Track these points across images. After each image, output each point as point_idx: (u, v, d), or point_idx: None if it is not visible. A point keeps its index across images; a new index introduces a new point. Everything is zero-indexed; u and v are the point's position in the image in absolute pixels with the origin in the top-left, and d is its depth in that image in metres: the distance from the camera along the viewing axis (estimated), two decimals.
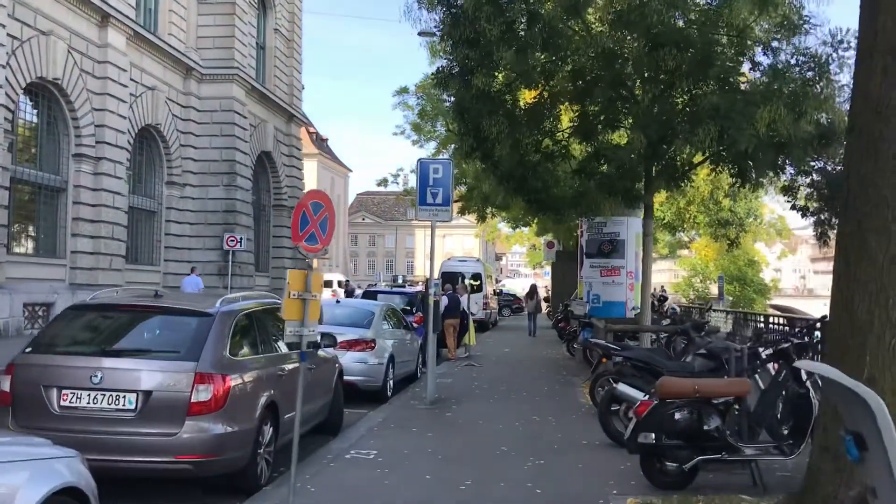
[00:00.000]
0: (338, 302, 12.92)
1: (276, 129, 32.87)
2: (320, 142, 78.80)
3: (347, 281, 46.58)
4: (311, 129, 77.61)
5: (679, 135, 10.22)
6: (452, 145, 31.47)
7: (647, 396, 7.42)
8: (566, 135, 13.96)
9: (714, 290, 40.39)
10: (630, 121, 12.50)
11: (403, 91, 29.75)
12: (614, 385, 7.84)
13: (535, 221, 32.78)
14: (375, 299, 17.46)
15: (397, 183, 37.29)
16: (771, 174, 11.81)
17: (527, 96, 13.71)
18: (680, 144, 10.13)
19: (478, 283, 30.68)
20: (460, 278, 22.88)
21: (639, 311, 16.96)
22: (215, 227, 27.76)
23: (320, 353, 8.65)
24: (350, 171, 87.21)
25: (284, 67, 33.97)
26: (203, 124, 27.99)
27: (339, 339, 11.17)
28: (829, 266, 5.51)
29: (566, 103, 13.10)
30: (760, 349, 8.00)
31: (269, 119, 31.97)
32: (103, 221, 22.32)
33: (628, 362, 8.26)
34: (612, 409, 8.24)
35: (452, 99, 11.78)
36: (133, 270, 24.96)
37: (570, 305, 19.19)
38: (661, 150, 11.14)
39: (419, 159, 10.90)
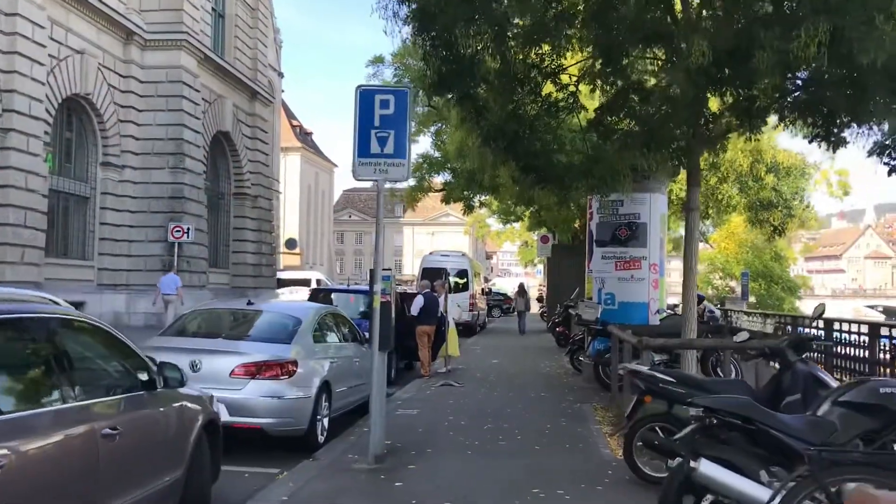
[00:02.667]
0: (249, 303, 9.09)
1: (237, 107, 29.05)
2: (304, 135, 74.95)
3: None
4: (295, 122, 73.67)
5: (762, 44, 6.43)
6: (437, 125, 27.81)
7: (775, 498, 3.74)
8: (574, 78, 10.28)
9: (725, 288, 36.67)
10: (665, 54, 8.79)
11: (378, 61, 25.90)
12: (692, 464, 4.12)
13: (528, 214, 29.15)
14: (331, 302, 13.70)
15: None
16: (876, 120, 8.05)
17: (521, 22, 9.95)
18: (767, 58, 6.33)
19: (464, 280, 27.05)
20: (444, 275, 19.08)
21: (664, 315, 13.28)
22: (160, 216, 23.92)
23: (161, 392, 4.92)
24: (335, 165, 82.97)
25: (248, 39, 30.18)
26: (146, 97, 24.19)
27: (241, 360, 7.48)
28: (823, 265, 1.96)
29: (577, 29, 9.33)
30: None
31: (227, 95, 28.12)
32: (12, 206, 18.66)
33: (711, 415, 4.53)
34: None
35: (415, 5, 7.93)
36: (58, 265, 21.30)
37: (577, 308, 15.31)
38: (729, 73, 7.28)
39: (358, 86, 6.99)
